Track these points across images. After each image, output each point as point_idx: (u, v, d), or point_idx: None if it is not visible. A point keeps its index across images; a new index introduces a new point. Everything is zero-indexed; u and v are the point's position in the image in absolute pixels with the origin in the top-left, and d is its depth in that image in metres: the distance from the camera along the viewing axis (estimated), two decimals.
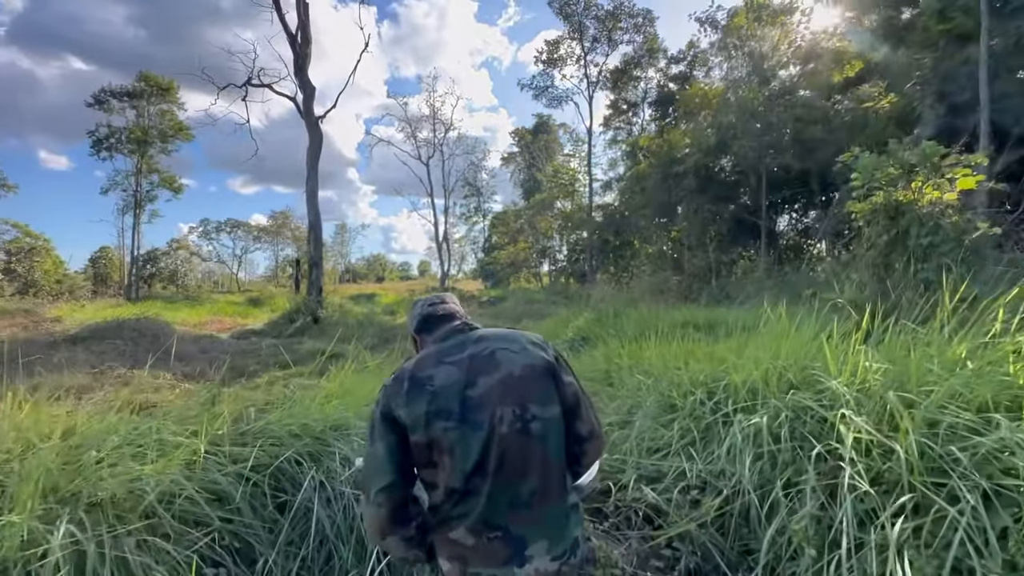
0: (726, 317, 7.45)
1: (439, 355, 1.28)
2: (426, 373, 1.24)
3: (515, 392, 1.21)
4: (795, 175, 13.41)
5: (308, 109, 15.61)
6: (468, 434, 1.18)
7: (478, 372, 1.23)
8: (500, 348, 1.27)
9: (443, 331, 1.36)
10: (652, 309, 8.81)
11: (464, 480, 1.18)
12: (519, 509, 1.18)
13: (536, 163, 38.14)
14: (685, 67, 25.74)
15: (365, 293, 37.91)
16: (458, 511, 1.19)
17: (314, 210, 15.90)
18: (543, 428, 1.22)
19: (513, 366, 1.24)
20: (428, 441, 1.18)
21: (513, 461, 1.18)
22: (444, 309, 1.42)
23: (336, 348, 10.79)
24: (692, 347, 4.94)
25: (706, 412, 3.09)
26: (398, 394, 1.22)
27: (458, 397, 1.20)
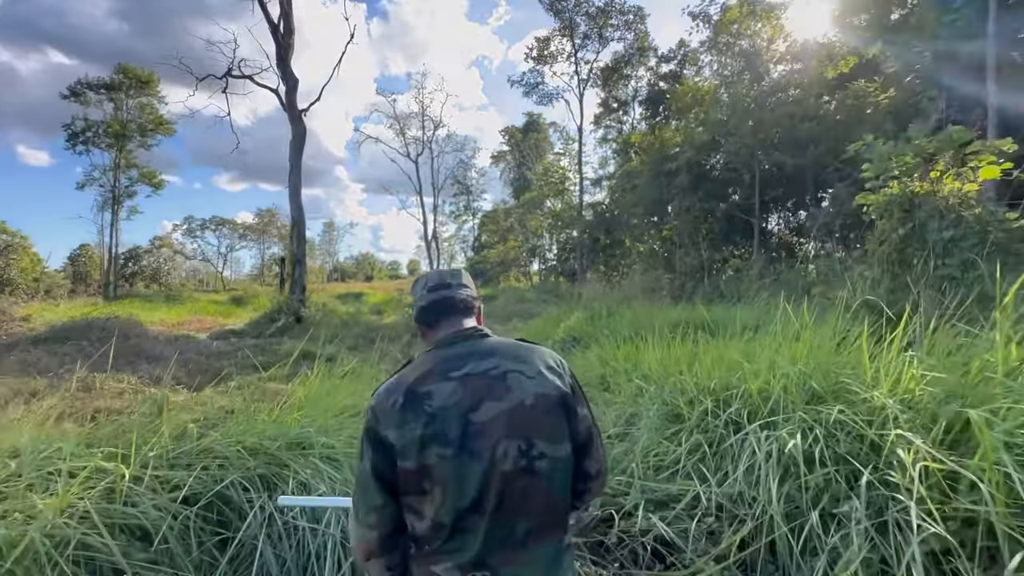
0: (725, 316, 7.14)
1: (442, 367, 1.09)
2: (425, 388, 1.06)
3: (524, 425, 1.05)
4: (788, 173, 13.19)
5: (291, 101, 15.08)
6: (466, 465, 1.03)
7: (484, 394, 1.06)
8: (513, 370, 1.09)
9: (449, 333, 1.17)
10: (646, 308, 8.49)
11: (456, 516, 1.03)
12: (513, 549, 1.05)
13: (526, 162, 37.88)
14: (676, 66, 25.72)
15: (353, 292, 37.39)
16: (448, 547, 1.05)
17: (297, 206, 15.39)
18: (550, 467, 1.07)
19: (525, 394, 1.07)
20: (419, 468, 1.03)
21: (513, 500, 1.05)
22: (452, 299, 1.21)
23: (316, 349, 10.36)
24: (695, 349, 4.60)
25: (718, 425, 2.74)
26: (390, 411, 1.05)
27: (459, 421, 1.03)
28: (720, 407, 2.86)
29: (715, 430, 2.71)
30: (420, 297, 1.23)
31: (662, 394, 3.41)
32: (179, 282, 54.93)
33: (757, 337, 4.87)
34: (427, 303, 1.21)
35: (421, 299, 1.23)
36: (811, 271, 11.02)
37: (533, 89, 29.94)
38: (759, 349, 3.44)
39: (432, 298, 1.21)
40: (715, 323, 6.95)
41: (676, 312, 7.61)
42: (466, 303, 1.22)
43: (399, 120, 39.48)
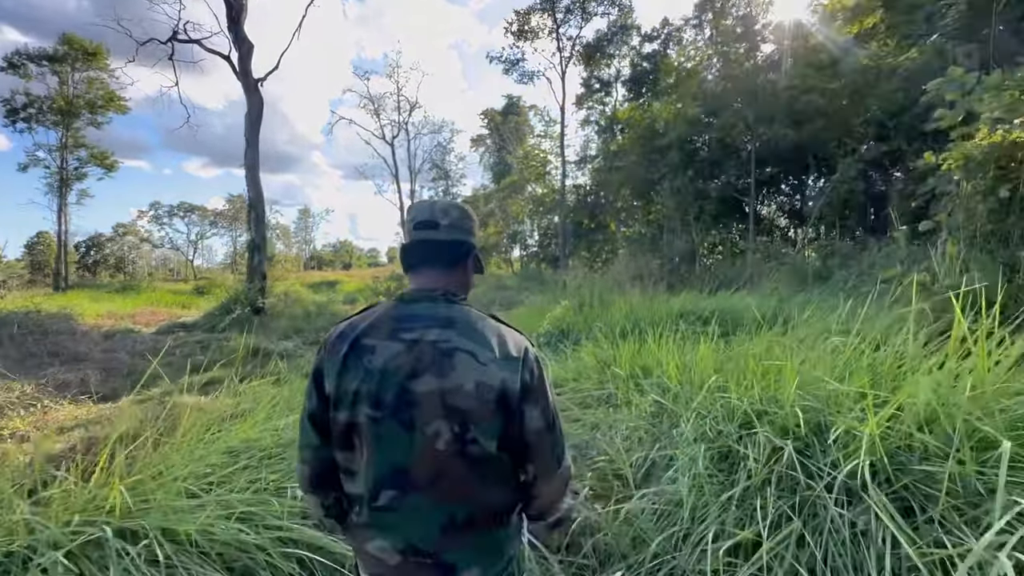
0: (733, 306, 6.22)
1: (394, 324, 1.00)
2: (371, 343, 0.98)
3: (460, 408, 0.94)
4: (785, 151, 12.34)
5: (244, 69, 13.59)
6: (395, 432, 0.95)
7: (428, 366, 0.95)
8: (464, 349, 0.96)
9: (416, 288, 1.06)
10: (641, 297, 7.52)
11: (383, 482, 0.97)
12: (452, 534, 0.98)
13: (506, 145, 36.70)
14: (659, 45, 24.93)
15: (328, 280, 36.05)
16: (383, 522, 0.99)
17: (254, 187, 13.98)
18: (483, 456, 0.97)
19: (467, 378, 0.95)
20: (349, 423, 0.97)
21: (450, 482, 0.97)
22: (435, 243, 1.07)
23: (272, 344, 9.16)
24: (722, 352, 3.63)
25: (812, 484, 1.75)
26: (334, 358, 1.00)
27: (395, 387, 0.95)
28: (801, 451, 1.87)
29: (806, 493, 1.72)
30: (406, 233, 1.11)
31: (702, 422, 2.42)
32: (147, 271, 52.67)
33: (785, 334, 3.93)
34: (409, 243, 1.09)
35: (406, 236, 1.10)
36: (810, 256, 10.22)
37: (513, 67, 28.59)
38: (840, 359, 2.45)
39: (417, 236, 1.08)
40: (724, 314, 6.02)
41: (677, 302, 6.66)
42: (452, 249, 1.08)
43: (373, 100, 37.84)
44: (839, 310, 4.42)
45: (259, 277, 14.08)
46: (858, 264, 7.44)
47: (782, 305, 5.85)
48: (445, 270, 1.08)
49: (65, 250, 27.08)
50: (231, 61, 13.82)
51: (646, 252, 15.17)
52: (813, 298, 6.37)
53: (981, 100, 3.29)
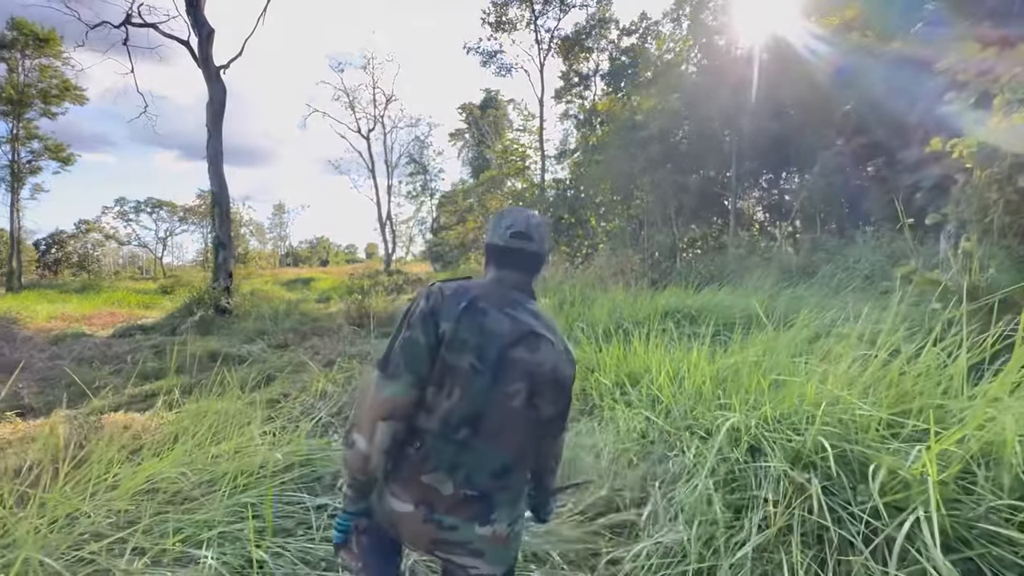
0: (719, 304, 5.94)
1: (500, 300, 1.20)
2: (484, 306, 1.17)
3: (536, 381, 1.19)
4: (764, 145, 12.20)
5: (205, 55, 12.83)
6: (487, 384, 1.14)
7: (522, 339, 1.18)
8: (548, 338, 1.21)
9: (509, 282, 1.25)
10: (624, 293, 7.21)
11: (460, 423, 1.14)
12: (499, 478, 1.18)
13: (485, 140, 36.20)
14: (637, 39, 24.82)
15: (303, 277, 35.08)
16: (443, 457, 1.14)
17: (218, 179, 13.26)
18: (538, 419, 1.22)
19: (546, 360, 1.20)
20: (454, 366, 1.13)
21: (510, 435, 1.18)
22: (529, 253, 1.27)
23: (234, 347, 8.59)
24: (718, 358, 3.30)
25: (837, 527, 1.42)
26: (451, 308, 1.15)
27: (498, 348, 1.15)
28: (841, 490, 1.54)
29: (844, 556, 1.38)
30: (500, 235, 1.26)
31: (703, 447, 2.07)
32: (113, 269, 50.60)
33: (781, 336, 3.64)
34: (506, 245, 1.25)
35: (500, 238, 1.26)
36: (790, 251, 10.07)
37: (491, 59, 28.08)
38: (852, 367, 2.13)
39: (513, 244, 1.25)
40: (712, 312, 5.74)
41: (662, 299, 6.36)
42: (538, 262, 1.29)
43: (348, 93, 36.90)
44: (836, 308, 4.13)
45: (224, 276, 13.41)
46: (844, 259, 7.26)
47: (772, 302, 5.60)
48: (532, 274, 1.29)
49: (18, 248, 25.63)
50: (190, 47, 13.04)
51: (627, 247, 14.93)
52: (800, 293, 6.15)
53: (996, 80, 3.04)
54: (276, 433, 3.07)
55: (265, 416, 3.62)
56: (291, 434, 3.03)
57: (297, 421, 3.50)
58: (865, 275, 6.32)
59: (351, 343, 9.61)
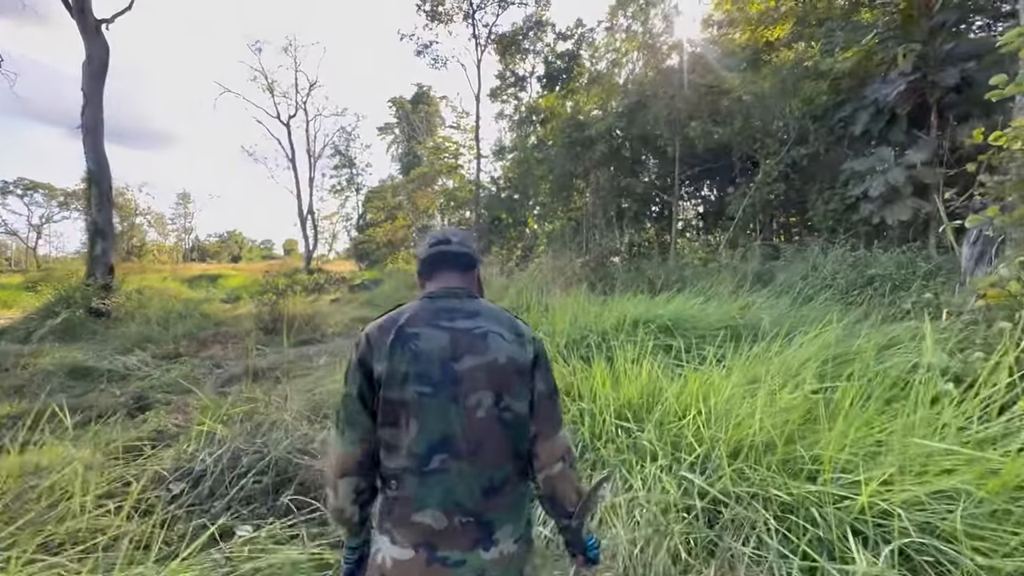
0: (690, 314, 5.38)
1: (431, 315, 1.17)
2: (414, 330, 1.14)
3: (496, 380, 1.13)
4: (709, 150, 12.19)
5: (81, 5, 10.66)
6: (443, 405, 1.10)
7: (466, 349, 1.13)
8: (493, 331, 1.17)
9: (440, 287, 1.23)
10: (581, 300, 6.50)
11: (430, 450, 1.09)
12: (491, 496, 1.12)
13: (416, 135, 34.81)
14: (572, 45, 24.82)
15: (210, 274, 31.70)
16: (427, 490, 1.09)
17: (96, 154, 11.08)
18: (514, 420, 1.15)
19: (500, 353, 1.15)
20: (400, 400, 1.10)
21: (490, 447, 1.12)
22: (448, 253, 1.27)
23: (104, 360, 6.90)
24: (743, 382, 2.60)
25: None
26: (379, 348, 1.13)
27: (440, 366, 1.11)
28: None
29: None
30: (423, 251, 1.29)
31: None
32: None
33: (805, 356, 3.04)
34: (427, 255, 1.27)
35: (423, 252, 1.28)
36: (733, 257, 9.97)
37: (426, 49, 26.80)
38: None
39: (431, 252, 1.27)
40: (684, 322, 5.16)
41: (628, 306, 5.71)
42: (462, 259, 1.27)
43: (266, 74, 33.96)
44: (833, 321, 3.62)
45: (103, 270, 11.25)
46: (799, 267, 7.06)
47: (746, 312, 5.12)
48: (461, 273, 1.26)
49: None
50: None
51: (569, 250, 14.44)
52: (769, 303, 5.77)
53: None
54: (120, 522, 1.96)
55: (111, 481, 2.45)
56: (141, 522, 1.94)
57: (158, 490, 2.37)
58: (827, 284, 6.09)
59: (261, 354, 8.17)
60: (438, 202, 29.75)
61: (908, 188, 7.13)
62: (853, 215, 8.72)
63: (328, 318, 11.46)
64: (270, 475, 2.56)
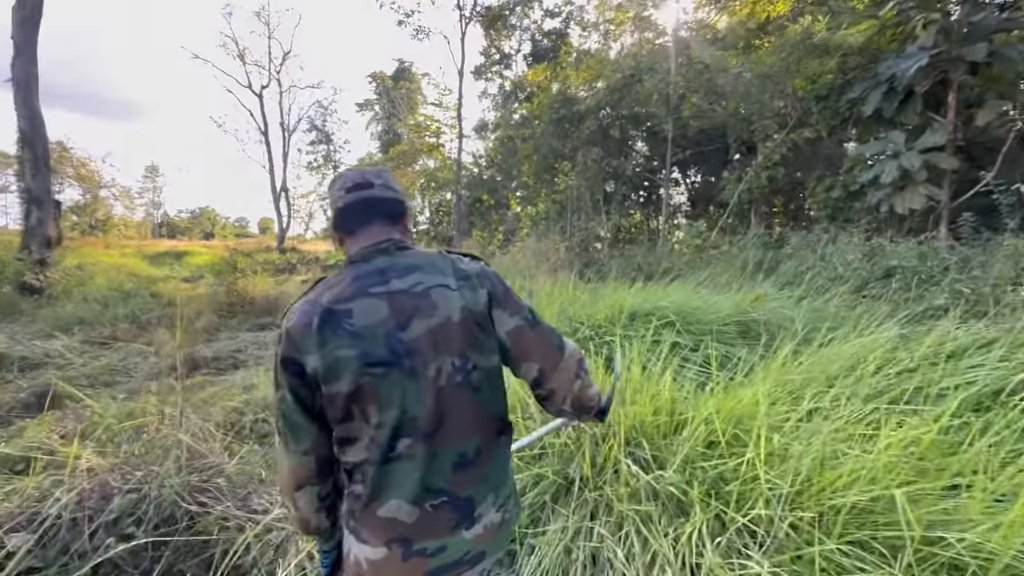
0: (693, 305, 4.75)
1: (361, 283, 0.96)
2: (344, 307, 0.93)
3: (455, 340, 0.96)
4: (703, 131, 11.58)
5: None
6: (399, 383, 0.92)
7: (411, 313, 0.95)
8: (436, 285, 0.98)
9: (366, 247, 1.01)
10: (570, 287, 5.84)
11: (393, 437, 0.93)
12: (465, 469, 0.98)
13: (397, 113, 33.53)
14: (560, 23, 23.95)
15: (177, 251, 30.18)
16: (391, 481, 0.94)
17: (29, 111, 9.88)
18: (484, 378, 1.00)
19: (451, 309, 0.97)
20: (349, 392, 0.91)
21: (457, 419, 0.97)
22: (374, 199, 1.04)
23: (24, 344, 6.01)
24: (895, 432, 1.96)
25: None
26: (305, 335, 0.91)
27: (386, 341, 0.92)
28: None
29: None
30: (337, 199, 1.06)
31: None
32: None
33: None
34: (344, 204, 1.04)
35: (338, 200, 1.05)
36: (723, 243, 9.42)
37: (408, 18, 25.42)
38: None
39: (350, 199, 1.04)
40: (688, 314, 4.53)
41: (620, 295, 5.05)
42: (391, 205, 1.05)
43: (236, 41, 32.05)
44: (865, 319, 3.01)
45: (39, 244, 10.14)
46: (806, 256, 6.51)
47: (757, 305, 4.51)
48: (389, 225, 1.04)
49: None
50: None
51: (553, 233, 13.75)
52: (780, 294, 5.19)
53: None
54: None
55: None
56: None
57: None
58: (838, 275, 5.54)
59: (211, 338, 7.31)
60: (419, 182, 28.74)
61: (922, 174, 6.61)
62: (855, 203, 8.22)
63: (293, 300, 10.62)
64: (146, 527, 1.82)
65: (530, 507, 2.04)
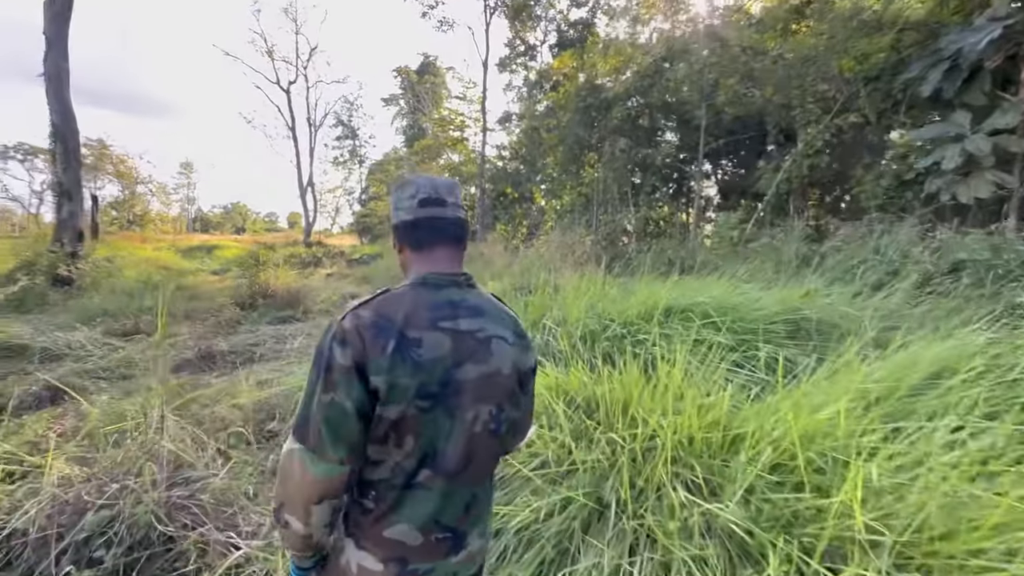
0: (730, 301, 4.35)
1: (431, 314, 0.95)
2: (415, 335, 0.92)
3: (498, 391, 1.00)
4: (738, 118, 10.99)
5: None
6: (439, 419, 0.94)
7: (469, 355, 0.96)
8: (496, 335, 1.01)
9: (440, 272, 1.00)
10: (601, 281, 5.48)
11: (418, 466, 0.95)
12: (471, 510, 1.02)
13: (421, 107, 33.48)
14: (587, 13, 23.36)
15: (208, 245, 30.96)
16: (404, 506, 0.96)
17: (61, 105, 10.01)
18: (509, 428, 1.06)
19: (504, 362, 1.01)
20: (397, 419, 0.92)
21: (480, 463, 1.01)
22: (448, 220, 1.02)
23: (45, 336, 6.00)
24: None
25: None
26: (379, 352, 0.90)
27: (442, 375, 0.93)
28: None
29: None
30: (407, 208, 1.02)
31: None
32: None
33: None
34: (416, 219, 1.02)
35: (408, 212, 1.02)
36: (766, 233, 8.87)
37: (432, 9, 25.21)
38: None
39: (423, 215, 1.01)
40: (726, 311, 4.15)
41: (653, 290, 4.68)
42: (461, 226, 1.05)
43: (265, 37, 32.57)
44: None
45: (71, 236, 10.30)
46: (854, 249, 6.00)
47: (809, 301, 4.09)
48: (457, 249, 1.05)
49: None
50: None
51: (579, 226, 13.35)
52: (830, 290, 4.74)
53: None
54: None
55: None
56: None
57: None
58: (894, 270, 5.05)
59: (230, 331, 7.23)
60: (444, 175, 28.61)
61: (990, 159, 6.01)
62: (908, 192, 7.60)
63: (316, 294, 10.52)
64: (117, 549, 1.59)
65: (556, 536, 1.75)
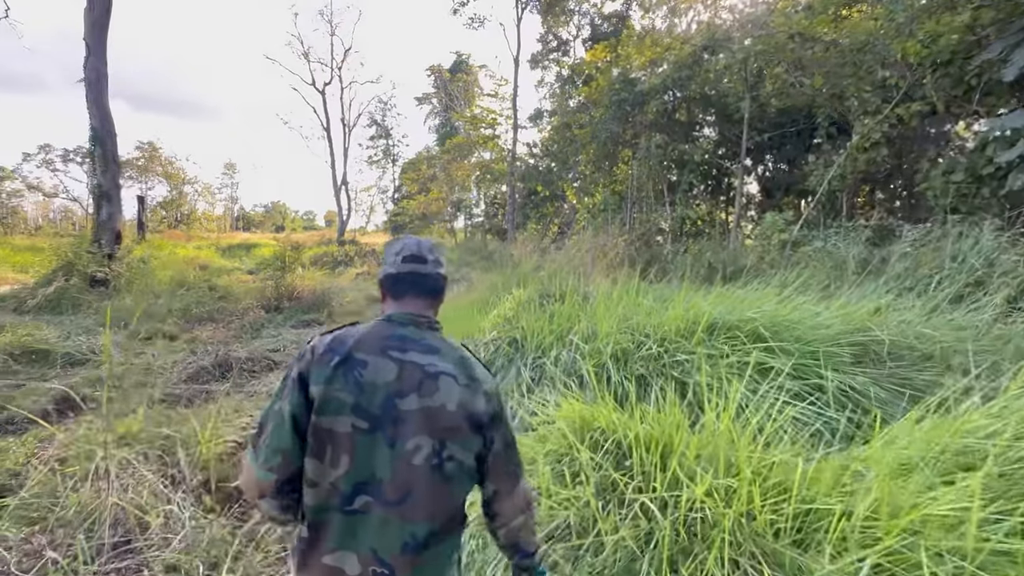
0: (800, 319, 3.83)
1: (384, 343, 1.05)
2: (362, 357, 1.02)
3: (441, 427, 1.02)
4: (784, 110, 10.25)
5: None
6: (376, 444, 0.98)
7: (415, 386, 1.02)
8: (447, 373, 1.06)
9: (405, 312, 1.12)
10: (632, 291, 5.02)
11: (353, 492, 0.98)
12: (411, 553, 0.99)
13: (454, 105, 33.42)
14: (622, 5, 22.65)
15: (248, 243, 32.03)
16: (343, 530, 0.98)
17: (100, 110, 10.21)
18: (457, 471, 1.04)
19: (449, 399, 1.03)
20: (331, 431, 0.98)
21: (419, 499, 1.00)
22: (423, 275, 1.16)
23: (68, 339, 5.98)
24: None
25: None
26: (322, 367, 1.01)
27: (383, 400, 1.00)
28: None
29: None
30: (391, 263, 1.18)
31: None
32: (36, 224, 45.85)
33: None
34: (398, 273, 1.17)
35: (392, 266, 1.18)
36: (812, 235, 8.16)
37: (463, 6, 24.99)
38: None
39: (405, 269, 1.16)
40: (791, 331, 3.65)
41: (694, 302, 4.20)
42: (435, 284, 1.18)
43: (301, 39, 33.22)
44: None
45: (108, 237, 10.50)
46: (922, 255, 5.34)
47: (881, 318, 3.55)
48: (430, 299, 1.16)
49: None
50: None
51: (612, 226, 12.82)
52: (900, 303, 4.16)
53: None
54: None
55: None
56: None
57: None
58: (977, 280, 4.41)
59: (251, 335, 7.13)
60: (474, 175, 28.42)
61: None
62: (985, 188, 6.79)
63: (342, 295, 10.42)
64: None
65: None
